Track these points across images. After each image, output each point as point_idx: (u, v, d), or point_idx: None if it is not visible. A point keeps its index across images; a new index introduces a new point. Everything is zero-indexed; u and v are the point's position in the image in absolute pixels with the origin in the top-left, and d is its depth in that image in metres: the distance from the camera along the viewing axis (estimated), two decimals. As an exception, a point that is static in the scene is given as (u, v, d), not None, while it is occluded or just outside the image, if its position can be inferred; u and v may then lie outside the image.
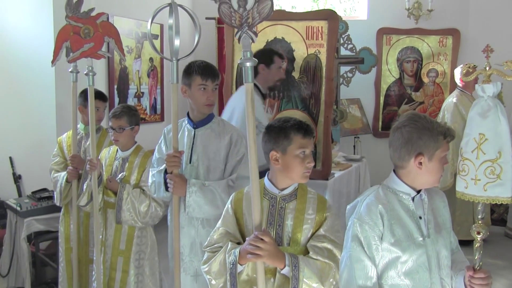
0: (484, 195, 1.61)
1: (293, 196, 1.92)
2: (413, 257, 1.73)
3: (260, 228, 1.79)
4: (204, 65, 2.52)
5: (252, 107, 1.81)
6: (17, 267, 3.89)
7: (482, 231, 1.68)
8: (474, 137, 1.61)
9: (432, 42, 6.11)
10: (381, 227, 1.73)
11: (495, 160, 1.58)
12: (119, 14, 4.85)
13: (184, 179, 2.44)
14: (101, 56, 2.86)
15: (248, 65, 1.78)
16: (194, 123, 2.59)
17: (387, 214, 1.74)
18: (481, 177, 1.60)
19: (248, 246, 1.75)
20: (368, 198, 1.80)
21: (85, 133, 3.43)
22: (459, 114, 4.73)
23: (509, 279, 4.24)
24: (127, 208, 2.88)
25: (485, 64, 1.71)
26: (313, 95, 3.89)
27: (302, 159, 1.86)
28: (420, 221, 1.77)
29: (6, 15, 4.50)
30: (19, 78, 4.48)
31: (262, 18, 1.77)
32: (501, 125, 1.59)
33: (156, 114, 5.66)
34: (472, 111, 1.64)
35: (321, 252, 1.82)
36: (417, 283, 1.74)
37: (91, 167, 2.91)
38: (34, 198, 3.92)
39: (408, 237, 1.74)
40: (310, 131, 1.90)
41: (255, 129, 1.82)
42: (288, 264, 1.77)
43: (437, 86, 6.17)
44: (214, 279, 1.88)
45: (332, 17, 3.87)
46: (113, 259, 2.99)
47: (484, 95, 1.63)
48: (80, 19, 2.83)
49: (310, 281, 1.77)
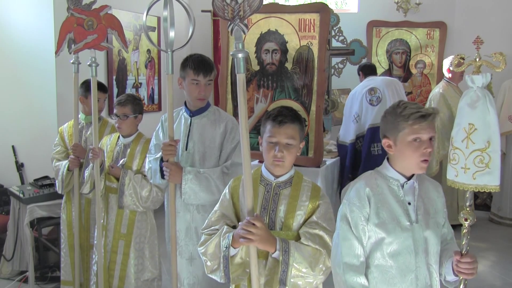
0: (473, 183, 1.61)
1: (288, 184, 1.95)
2: (398, 240, 1.77)
3: (253, 213, 1.80)
4: (199, 60, 2.52)
5: (244, 97, 1.81)
6: (21, 251, 3.94)
7: (470, 217, 1.69)
8: (464, 127, 1.61)
9: (420, 35, 6.18)
10: (367, 208, 1.78)
11: (484, 149, 1.59)
12: (117, 6, 4.84)
13: (179, 167, 2.47)
14: (104, 47, 2.86)
15: (240, 56, 1.79)
16: (190, 112, 2.63)
17: (374, 197, 1.79)
18: (470, 166, 1.60)
19: (241, 230, 1.78)
20: (359, 182, 1.86)
21: (86, 122, 3.44)
22: (445, 104, 4.83)
23: (490, 260, 4.41)
24: (129, 193, 2.91)
25: (475, 56, 1.72)
26: (305, 85, 3.93)
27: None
28: (409, 207, 1.79)
29: (8, 6, 4.49)
30: (21, 69, 4.48)
31: (252, 10, 1.78)
32: (490, 115, 1.59)
33: (153, 104, 5.74)
34: (462, 101, 1.64)
35: (313, 239, 1.83)
36: (401, 265, 1.78)
37: (93, 155, 2.93)
38: (36, 185, 3.94)
39: (393, 220, 1.77)
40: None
41: (247, 117, 1.83)
42: (278, 248, 1.78)
43: (425, 77, 6.24)
44: (209, 261, 1.90)
45: (324, 10, 3.89)
46: (114, 243, 3.04)
47: (473, 85, 1.62)
48: (83, 11, 2.83)
49: (300, 266, 1.78)
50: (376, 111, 4.47)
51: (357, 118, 4.64)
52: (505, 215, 5.42)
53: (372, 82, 4.67)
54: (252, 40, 4.06)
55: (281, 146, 1.88)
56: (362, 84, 4.79)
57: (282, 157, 1.89)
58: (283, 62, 4.00)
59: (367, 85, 4.66)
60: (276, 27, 4.01)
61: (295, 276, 1.80)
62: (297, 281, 1.83)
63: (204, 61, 2.53)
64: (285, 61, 4.00)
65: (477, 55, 1.73)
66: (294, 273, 1.79)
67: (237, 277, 1.86)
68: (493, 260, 4.43)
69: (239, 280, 1.89)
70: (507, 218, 5.40)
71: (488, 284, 3.96)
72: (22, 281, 3.87)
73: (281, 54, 3.99)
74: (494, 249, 4.63)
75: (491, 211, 5.55)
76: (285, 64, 4.00)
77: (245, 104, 1.82)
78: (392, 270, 1.78)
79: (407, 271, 1.78)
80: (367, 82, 4.73)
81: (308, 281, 1.84)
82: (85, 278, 3.40)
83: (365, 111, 4.58)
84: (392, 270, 1.78)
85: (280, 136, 1.89)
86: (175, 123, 2.63)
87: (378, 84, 4.61)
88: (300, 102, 3.97)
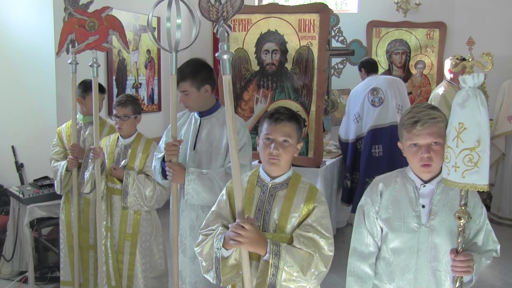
0: (463, 181, 1.63)
1: (285, 185, 1.92)
2: (401, 239, 1.83)
3: (243, 215, 1.78)
4: (180, 66, 2.50)
5: (230, 98, 1.79)
6: (21, 251, 3.92)
7: (464, 216, 1.70)
8: (455, 126, 1.63)
9: (419, 35, 6.19)
10: (378, 203, 1.90)
11: (473, 148, 1.60)
12: (117, 7, 4.83)
13: (182, 168, 2.45)
14: (106, 48, 2.87)
15: (225, 57, 1.77)
16: (200, 113, 2.63)
17: (386, 193, 1.89)
18: (460, 164, 1.62)
19: (230, 232, 1.75)
20: (381, 176, 1.98)
21: (84, 123, 3.42)
22: (446, 105, 4.76)
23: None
24: (133, 193, 2.91)
25: (468, 56, 1.75)
26: (305, 86, 3.94)
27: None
28: (422, 209, 1.82)
29: (7, 7, 4.48)
30: (21, 70, 4.48)
31: (234, 11, 1.76)
32: (480, 115, 1.59)
33: (153, 104, 5.72)
34: (454, 101, 1.67)
35: (306, 242, 1.79)
36: (400, 263, 1.85)
37: (95, 156, 2.92)
38: (36, 185, 3.92)
39: (400, 219, 1.84)
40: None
41: (234, 119, 1.82)
42: (269, 251, 1.74)
43: (425, 77, 6.25)
44: (204, 261, 1.88)
45: (324, 10, 3.91)
46: (121, 243, 3.05)
47: (465, 85, 1.64)
48: (85, 13, 2.84)
49: (291, 270, 1.74)
50: (378, 113, 4.45)
51: (358, 118, 4.62)
52: (504, 216, 5.42)
53: (375, 82, 4.64)
54: (252, 40, 4.08)
55: (276, 144, 1.86)
56: (364, 83, 4.75)
57: (278, 155, 1.86)
58: (283, 62, 4.01)
59: (370, 84, 4.63)
60: (276, 28, 4.02)
61: (287, 280, 1.77)
62: (289, 285, 1.79)
63: (179, 71, 2.49)
64: (285, 62, 4.01)
65: (470, 55, 1.76)
66: (285, 276, 1.75)
67: (230, 279, 1.84)
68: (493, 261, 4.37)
69: (232, 282, 1.87)
70: (507, 218, 5.41)
71: (488, 285, 3.96)
72: (22, 281, 3.86)
73: (281, 55, 4.01)
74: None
75: (490, 212, 5.55)
76: (285, 64, 4.02)
77: (231, 105, 1.80)
78: (392, 266, 1.87)
79: (406, 270, 1.84)
80: (370, 81, 4.70)
81: (301, 285, 1.81)
82: (84, 278, 3.39)
83: (366, 112, 4.56)
84: (392, 265, 1.87)
85: (276, 134, 1.87)
86: (186, 123, 2.65)
87: (381, 84, 4.58)
88: (300, 102, 3.98)
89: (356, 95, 4.71)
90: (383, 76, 4.95)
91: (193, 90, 2.55)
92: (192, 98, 2.57)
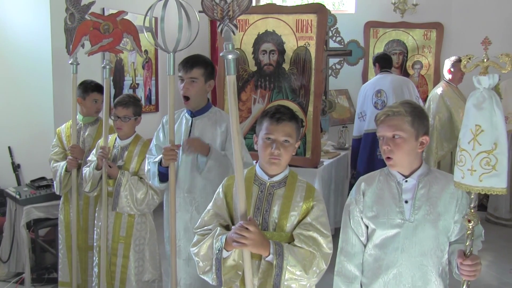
0: (480, 185, 1.60)
1: (283, 183, 1.92)
2: (386, 235, 1.88)
3: (246, 217, 1.77)
4: (186, 57, 2.51)
5: (234, 99, 1.78)
6: (17, 253, 3.92)
7: (474, 219, 1.69)
8: (471, 128, 1.59)
9: (417, 35, 6.20)
10: (362, 202, 1.94)
11: (490, 151, 1.57)
12: (114, 7, 4.87)
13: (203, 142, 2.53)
14: (119, 51, 2.88)
15: (230, 57, 1.76)
16: (192, 113, 2.62)
17: (368, 191, 1.94)
18: (476, 168, 1.58)
19: (234, 234, 1.74)
20: (363, 177, 2.02)
21: (84, 123, 3.42)
22: (444, 104, 4.80)
23: (486, 260, 4.42)
24: (124, 194, 2.89)
25: (483, 56, 1.72)
26: (303, 86, 3.95)
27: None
28: (405, 205, 1.85)
29: (4, 7, 4.47)
30: (18, 70, 4.47)
31: (241, 11, 1.74)
32: (496, 117, 1.57)
33: (151, 104, 5.71)
34: (468, 102, 1.63)
35: (307, 241, 1.81)
36: (382, 257, 1.89)
37: (103, 155, 2.92)
38: (32, 186, 3.91)
39: (384, 216, 1.88)
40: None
41: (238, 119, 1.81)
42: (272, 252, 1.75)
43: (422, 77, 6.26)
44: (201, 262, 1.87)
45: (321, 11, 3.92)
46: (114, 245, 3.02)
47: (480, 86, 1.60)
48: (100, 16, 2.89)
49: (293, 269, 1.76)
50: None
51: (364, 117, 4.79)
52: (501, 215, 5.45)
53: (382, 83, 4.76)
54: (250, 40, 4.09)
55: (278, 143, 1.86)
56: (373, 81, 4.89)
57: (279, 155, 1.86)
58: (280, 62, 4.02)
59: (377, 85, 4.77)
60: (274, 28, 4.03)
61: (289, 279, 1.77)
62: (291, 284, 1.80)
63: (189, 58, 2.51)
64: (283, 62, 4.02)
65: (485, 56, 1.73)
66: (288, 276, 1.76)
67: (229, 280, 1.83)
68: (490, 260, 4.45)
69: (231, 283, 1.86)
70: (503, 218, 5.43)
71: (484, 284, 3.98)
72: (19, 283, 3.85)
73: (279, 55, 4.02)
74: (490, 249, 4.64)
75: (487, 211, 5.58)
76: (283, 64, 4.02)
77: (235, 105, 1.79)
78: (378, 262, 1.90)
79: (390, 265, 1.87)
80: (378, 80, 4.83)
81: (302, 284, 1.82)
82: (82, 279, 3.39)
83: (369, 113, 4.73)
84: (378, 261, 1.91)
85: (277, 134, 1.86)
86: (176, 124, 2.62)
87: (386, 87, 4.70)
88: (298, 102, 3.99)
89: (365, 91, 4.87)
90: (391, 77, 4.96)
91: (201, 80, 2.56)
92: (197, 88, 2.57)
